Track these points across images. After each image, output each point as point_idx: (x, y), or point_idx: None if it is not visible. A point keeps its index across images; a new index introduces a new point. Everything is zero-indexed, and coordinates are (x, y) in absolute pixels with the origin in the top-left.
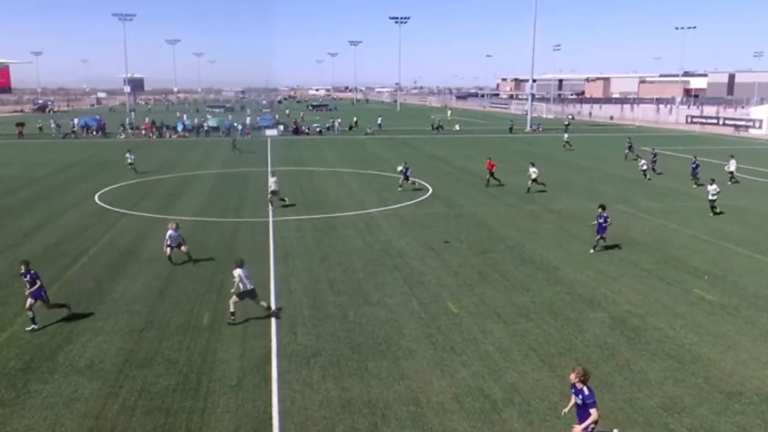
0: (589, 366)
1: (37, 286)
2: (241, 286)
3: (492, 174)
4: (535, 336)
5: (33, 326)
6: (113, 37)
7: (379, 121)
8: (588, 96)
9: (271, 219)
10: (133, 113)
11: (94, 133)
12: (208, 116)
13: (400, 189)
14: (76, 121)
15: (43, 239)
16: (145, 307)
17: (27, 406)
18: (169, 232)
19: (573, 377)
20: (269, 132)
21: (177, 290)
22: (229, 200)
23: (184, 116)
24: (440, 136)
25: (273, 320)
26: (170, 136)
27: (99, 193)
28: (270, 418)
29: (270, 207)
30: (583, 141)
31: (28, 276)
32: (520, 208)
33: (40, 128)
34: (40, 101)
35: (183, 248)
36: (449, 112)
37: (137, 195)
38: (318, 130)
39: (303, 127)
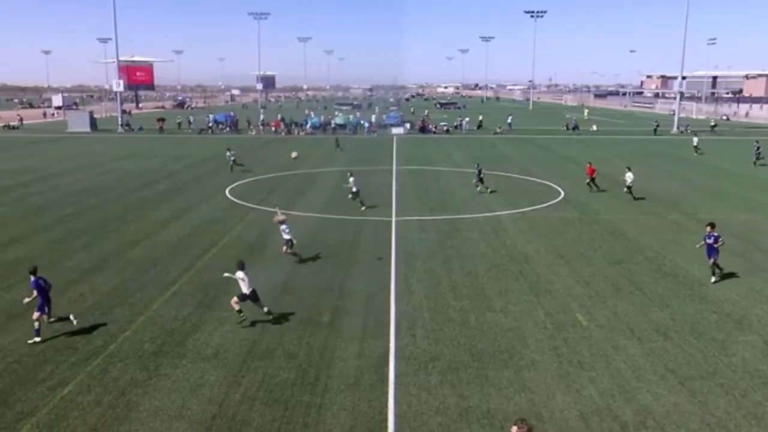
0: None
1: (35, 296)
2: (243, 287)
3: (593, 179)
4: (673, 356)
5: (36, 339)
6: (248, 35)
7: (509, 120)
8: (747, 95)
9: (394, 218)
10: (263, 110)
11: (227, 129)
12: (336, 113)
13: (486, 191)
14: (210, 117)
15: (178, 230)
16: (268, 300)
17: (158, 387)
18: (282, 226)
19: (514, 431)
20: (395, 130)
21: (299, 285)
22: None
23: (312, 113)
24: (575, 137)
25: (392, 322)
26: (298, 133)
27: (229, 187)
28: (385, 419)
29: (361, 207)
30: (736, 144)
31: (35, 284)
32: (663, 217)
33: (179, 124)
34: (180, 98)
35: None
36: (586, 112)
37: (265, 190)
38: (445, 128)
39: (430, 126)
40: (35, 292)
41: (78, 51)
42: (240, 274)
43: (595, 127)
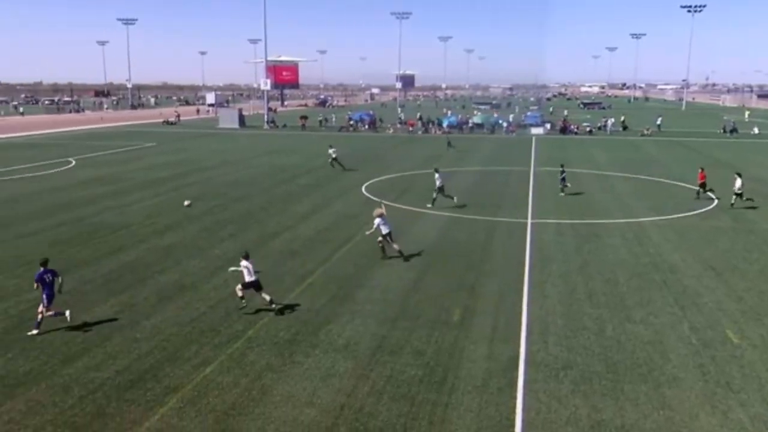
0: None
1: (35, 286)
2: (246, 277)
3: (703, 185)
4: None
5: (34, 331)
6: (390, 35)
7: (658, 121)
8: None
9: (529, 220)
10: (401, 109)
11: (366, 127)
12: (475, 112)
13: (564, 194)
14: (350, 114)
15: (316, 223)
16: (399, 296)
17: (291, 374)
18: (378, 219)
19: None
20: (535, 130)
21: (429, 284)
22: (487, 198)
23: (449, 112)
24: (733, 140)
25: (524, 326)
26: (435, 131)
27: (365, 184)
28: (512, 425)
29: (431, 204)
30: None
31: (38, 277)
32: None
33: (320, 122)
34: (322, 96)
35: (395, 246)
36: (747, 113)
37: (400, 188)
38: (588, 129)
39: (571, 126)
40: (35, 285)
41: (231, 52)
42: (244, 263)
43: (756, 130)
